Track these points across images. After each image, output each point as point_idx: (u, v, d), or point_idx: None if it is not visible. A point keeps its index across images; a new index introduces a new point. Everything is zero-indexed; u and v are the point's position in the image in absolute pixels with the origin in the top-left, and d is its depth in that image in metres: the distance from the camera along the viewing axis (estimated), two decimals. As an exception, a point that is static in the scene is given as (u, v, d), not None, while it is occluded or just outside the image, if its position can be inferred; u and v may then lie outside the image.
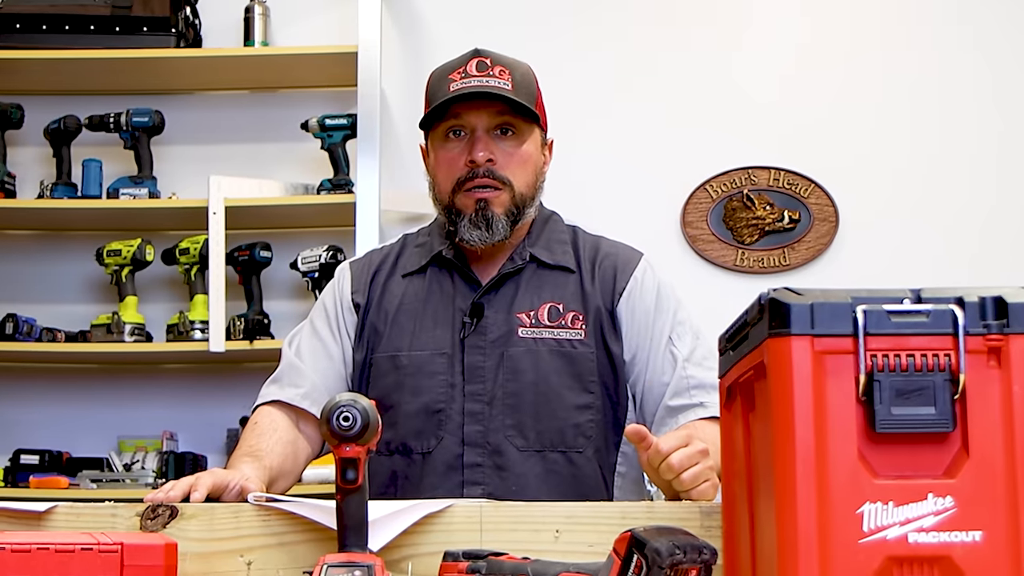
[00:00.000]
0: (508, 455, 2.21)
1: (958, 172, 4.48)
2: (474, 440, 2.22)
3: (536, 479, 2.21)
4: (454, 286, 2.33)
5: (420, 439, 2.25)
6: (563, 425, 2.23)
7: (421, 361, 2.27)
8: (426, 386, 2.25)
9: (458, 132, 2.30)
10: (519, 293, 2.31)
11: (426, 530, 1.69)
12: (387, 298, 2.36)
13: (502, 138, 2.30)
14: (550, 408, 2.24)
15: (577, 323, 2.27)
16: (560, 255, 2.35)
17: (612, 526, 1.61)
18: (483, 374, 2.24)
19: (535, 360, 2.25)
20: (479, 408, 2.23)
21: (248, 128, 4.58)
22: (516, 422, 2.22)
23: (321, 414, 1.48)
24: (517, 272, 2.33)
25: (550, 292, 2.30)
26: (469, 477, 2.21)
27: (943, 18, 4.57)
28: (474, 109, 2.28)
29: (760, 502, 1.34)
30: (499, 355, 2.25)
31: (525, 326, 2.27)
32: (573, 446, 2.23)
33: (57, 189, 4.33)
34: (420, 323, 2.31)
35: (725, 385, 1.51)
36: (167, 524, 1.70)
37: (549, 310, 2.28)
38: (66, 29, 4.34)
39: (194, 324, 4.22)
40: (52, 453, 4.28)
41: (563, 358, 2.25)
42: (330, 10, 4.61)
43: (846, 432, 1.23)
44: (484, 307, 2.29)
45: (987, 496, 1.22)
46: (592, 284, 2.31)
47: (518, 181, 2.30)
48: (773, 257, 4.50)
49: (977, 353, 1.25)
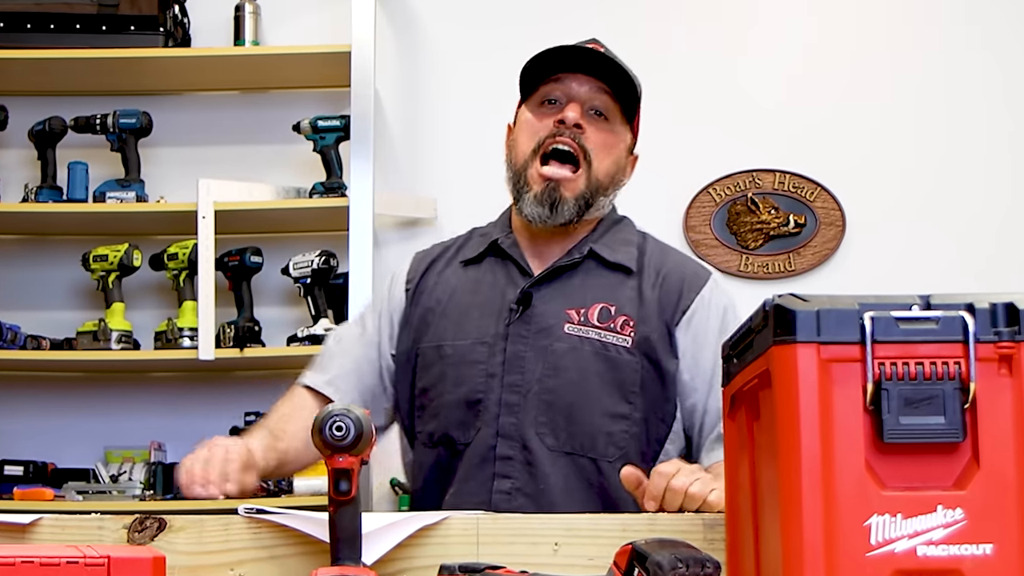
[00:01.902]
0: (537, 453, 2.19)
1: (968, 175, 4.48)
2: (508, 432, 2.20)
3: (562, 481, 2.18)
4: (508, 275, 2.32)
5: (461, 430, 2.24)
6: (596, 431, 2.21)
7: (464, 350, 2.26)
8: (467, 375, 2.25)
9: (554, 101, 2.28)
10: (572, 288, 2.28)
11: (422, 543, 1.69)
12: (441, 287, 2.36)
13: (595, 119, 2.28)
14: (585, 411, 2.21)
15: (627, 329, 2.23)
16: (622, 255, 2.31)
17: (612, 539, 1.61)
18: (523, 365, 2.22)
19: (577, 359, 2.22)
20: (515, 399, 2.21)
21: (238, 130, 4.58)
22: (549, 419, 2.20)
23: (313, 424, 1.48)
24: (573, 266, 2.30)
25: (605, 292, 2.27)
26: (500, 470, 2.19)
27: (951, 17, 4.57)
28: (577, 77, 2.26)
29: (765, 514, 1.34)
30: (542, 348, 2.23)
31: (573, 322, 2.23)
32: (604, 454, 2.20)
33: (42, 192, 4.32)
34: (468, 312, 2.30)
35: (729, 394, 1.51)
36: (155, 537, 1.70)
37: (600, 311, 2.24)
38: (51, 28, 4.34)
39: (183, 331, 4.21)
40: (37, 464, 4.27)
41: (607, 362, 2.22)
42: (323, 8, 4.61)
43: (853, 442, 1.23)
44: (533, 296, 2.26)
45: (998, 508, 1.22)
46: (652, 292, 2.28)
47: (598, 163, 2.27)
48: (778, 262, 4.50)
49: (988, 361, 1.25)
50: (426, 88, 4.60)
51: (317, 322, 4.19)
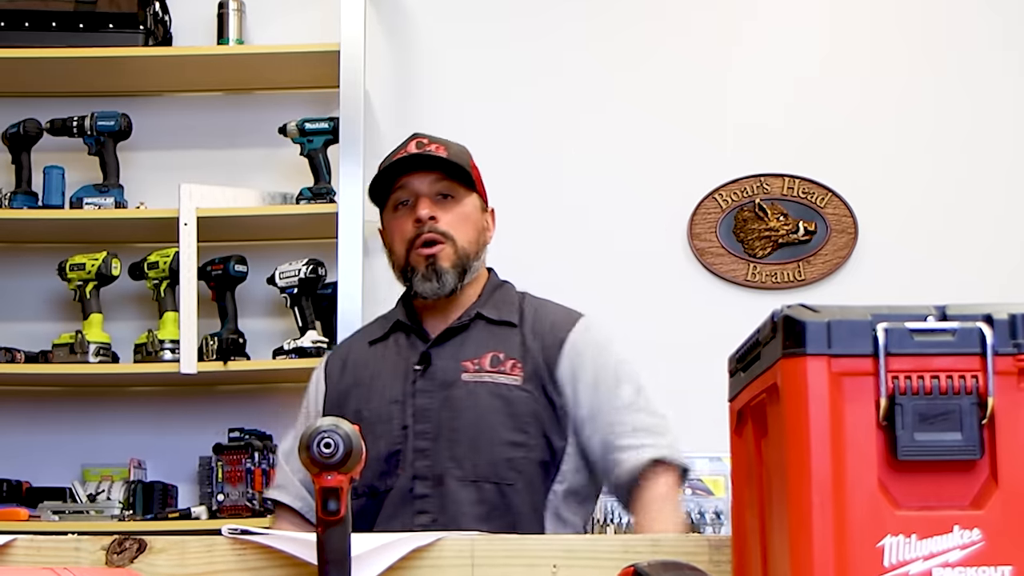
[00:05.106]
0: (449, 485, 2.58)
1: (989, 180, 4.48)
2: (423, 474, 2.59)
3: (470, 507, 2.56)
4: (410, 344, 2.75)
5: (383, 479, 2.61)
6: (496, 459, 2.60)
7: (379, 411, 2.66)
8: (383, 431, 2.63)
9: (405, 202, 2.74)
10: (465, 345, 2.70)
11: (414, 565, 1.69)
12: (353, 367, 2.78)
13: (443, 201, 2.74)
14: (485, 443, 2.61)
15: (516, 370, 2.65)
16: (505, 312, 2.75)
17: (614, 560, 1.61)
18: (430, 415, 2.63)
19: (475, 400, 2.63)
20: (426, 445, 2.61)
21: (222, 133, 4.58)
22: (455, 455, 2.60)
23: (300, 440, 1.48)
24: (463, 328, 2.72)
25: (494, 343, 2.69)
26: (419, 507, 2.57)
27: (969, 15, 4.58)
28: (415, 177, 2.74)
29: (773, 535, 1.34)
30: (443, 397, 2.64)
31: (468, 372, 2.66)
32: (504, 479, 2.59)
33: (16, 198, 4.32)
34: (378, 378, 2.72)
35: (735, 409, 1.51)
36: (135, 558, 1.70)
37: (491, 358, 2.67)
38: (26, 26, 4.34)
39: (164, 344, 4.21)
40: (11, 483, 4.26)
41: (500, 399, 2.63)
42: (310, 6, 4.61)
43: (865, 459, 1.23)
44: (432, 356, 2.68)
45: (1017, 529, 1.22)
46: (533, 339, 2.69)
47: (460, 237, 2.72)
48: (787, 271, 4.50)
49: (1007, 375, 1.25)
50: (418, 89, 4.60)
51: (304, 334, 4.18)
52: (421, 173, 2.73)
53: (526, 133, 4.51)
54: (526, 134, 4.51)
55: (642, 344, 4.15)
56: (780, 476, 1.28)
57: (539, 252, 4.32)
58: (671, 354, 4.25)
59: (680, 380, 4.02)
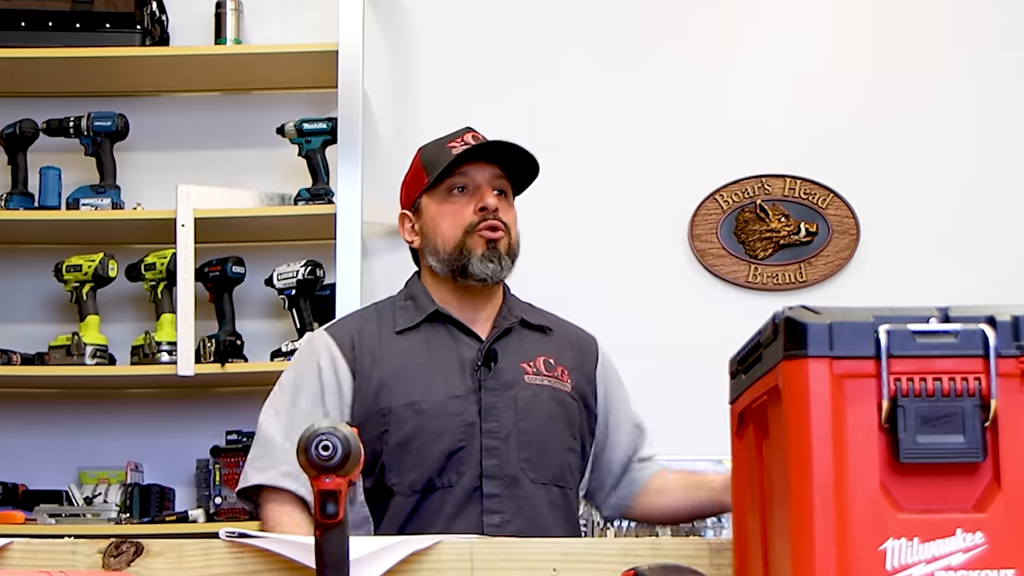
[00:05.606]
0: (523, 486, 2.60)
1: (993, 180, 4.48)
2: (492, 473, 2.58)
3: (546, 508, 2.61)
4: (453, 337, 2.70)
5: (444, 476, 2.58)
6: (561, 463, 2.68)
7: (439, 404, 2.61)
8: (447, 427, 2.59)
9: (463, 188, 2.73)
10: (522, 346, 2.73)
11: (413, 569, 1.69)
12: (389, 354, 2.68)
13: (499, 197, 2.75)
14: (552, 446, 2.66)
15: (565, 376, 2.73)
16: (536, 317, 2.81)
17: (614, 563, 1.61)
18: (498, 414, 2.62)
19: (540, 403, 2.66)
20: (496, 444, 2.60)
21: (219, 133, 4.58)
22: (528, 456, 2.62)
23: (298, 443, 1.48)
24: (511, 329, 2.73)
25: (539, 348, 2.75)
26: (488, 507, 2.56)
27: (974, 15, 4.58)
28: (478, 166, 2.74)
29: (774, 537, 1.34)
30: (511, 397, 2.65)
31: (529, 374, 2.69)
32: (567, 483, 2.68)
33: (12, 199, 4.32)
34: (431, 371, 2.66)
35: (736, 411, 1.51)
36: (132, 562, 1.70)
37: (544, 362, 2.72)
38: (22, 26, 4.34)
39: (161, 346, 4.21)
40: (7, 486, 4.27)
41: (559, 404, 2.70)
42: (308, 6, 4.61)
43: (867, 462, 1.23)
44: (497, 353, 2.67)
45: (1021, 532, 1.22)
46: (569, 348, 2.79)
47: (513, 232, 2.76)
48: (789, 273, 4.50)
49: (1010, 377, 1.25)
50: (417, 89, 4.60)
51: (302, 336, 4.18)
52: (483, 164, 2.76)
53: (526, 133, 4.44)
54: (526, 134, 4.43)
55: (643, 346, 4.18)
56: (781, 479, 1.28)
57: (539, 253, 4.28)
58: (672, 356, 4.26)
59: (681, 382, 4.02)
